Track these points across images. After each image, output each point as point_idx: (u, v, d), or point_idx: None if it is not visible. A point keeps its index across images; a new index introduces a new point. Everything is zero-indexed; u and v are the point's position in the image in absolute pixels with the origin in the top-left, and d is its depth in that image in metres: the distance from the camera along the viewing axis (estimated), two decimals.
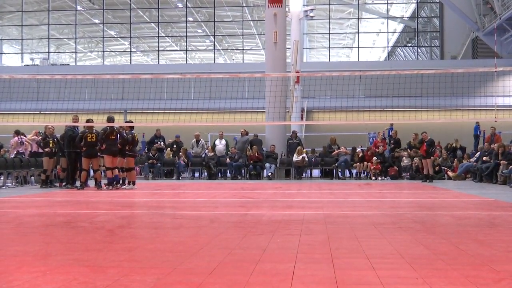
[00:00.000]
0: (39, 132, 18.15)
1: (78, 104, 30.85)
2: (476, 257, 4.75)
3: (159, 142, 21.36)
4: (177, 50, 46.47)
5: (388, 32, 41.23)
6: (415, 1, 40.28)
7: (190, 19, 42.33)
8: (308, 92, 29.57)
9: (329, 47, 42.03)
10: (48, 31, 41.67)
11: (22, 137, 18.43)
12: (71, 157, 15.02)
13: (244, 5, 40.21)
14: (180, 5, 41.49)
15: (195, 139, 21.70)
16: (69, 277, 3.98)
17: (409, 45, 43.51)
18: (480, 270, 4.22)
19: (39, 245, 5.54)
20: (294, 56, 24.48)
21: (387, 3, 40.36)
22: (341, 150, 20.80)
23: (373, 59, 46.07)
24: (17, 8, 41.90)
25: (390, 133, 22.20)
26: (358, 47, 41.44)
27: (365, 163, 20.32)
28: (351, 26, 43.63)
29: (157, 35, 42.55)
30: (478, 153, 19.64)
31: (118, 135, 14.69)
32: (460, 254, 4.93)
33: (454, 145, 22.34)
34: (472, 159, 19.70)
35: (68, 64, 43.34)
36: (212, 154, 20.81)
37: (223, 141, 21.43)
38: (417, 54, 41.25)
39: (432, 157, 18.76)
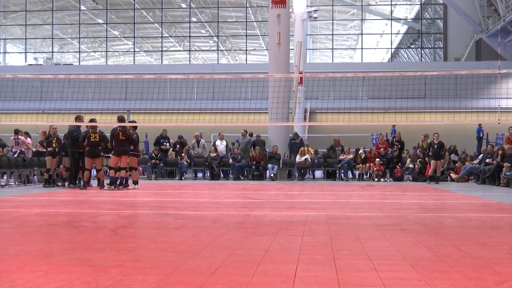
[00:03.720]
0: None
1: (81, 103, 30.92)
2: (478, 259, 4.74)
3: (165, 143, 21.39)
4: (180, 51, 46.50)
5: (391, 33, 41.21)
6: (419, 3, 40.24)
7: (194, 19, 42.36)
8: (311, 93, 29.60)
9: (333, 48, 42.03)
10: (51, 30, 41.72)
11: (19, 137, 18.45)
12: (75, 157, 15.04)
13: (247, 5, 40.23)
14: (183, 5, 41.53)
15: (194, 140, 21.71)
16: (71, 276, 3.98)
17: (413, 46, 43.49)
18: (482, 272, 4.21)
19: (42, 245, 5.55)
20: (297, 57, 24.49)
21: (391, 5, 40.34)
22: (346, 156, 20.68)
23: (377, 60, 46.04)
24: (20, 8, 41.98)
25: (393, 135, 22.19)
26: (362, 48, 41.42)
27: (368, 164, 20.31)
28: (355, 27, 43.63)
29: (160, 35, 42.61)
30: (481, 155, 19.62)
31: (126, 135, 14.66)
32: (463, 256, 4.92)
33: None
34: (475, 161, 19.69)
35: (71, 64, 43.43)
36: (215, 154, 20.82)
37: (224, 142, 21.45)
38: (421, 55, 41.21)
39: (442, 159, 18.75)
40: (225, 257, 4.73)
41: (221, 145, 21.28)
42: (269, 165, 20.39)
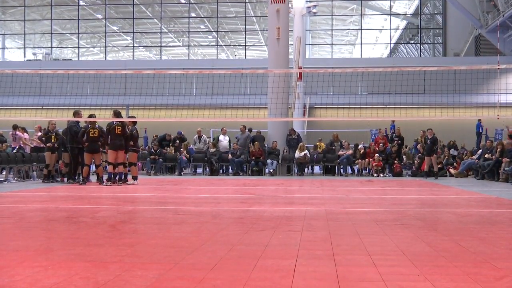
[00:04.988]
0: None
1: (81, 99, 30.85)
2: (477, 254, 4.75)
3: (166, 147, 21.47)
4: (179, 46, 46.44)
5: (391, 28, 41.17)
6: None
7: (193, 14, 42.30)
8: (311, 89, 29.57)
9: (332, 44, 41.99)
10: (50, 26, 41.67)
11: (17, 132, 18.42)
12: (74, 152, 15.03)
13: (246, 1, 40.17)
14: (182, 0, 41.46)
15: (197, 135, 21.72)
16: (70, 272, 3.98)
17: (412, 42, 43.46)
18: (481, 267, 4.22)
19: (41, 240, 5.55)
20: (296, 52, 24.47)
21: (390, 0, 40.27)
22: (345, 152, 20.67)
23: (376, 55, 46.02)
24: (19, 3, 41.91)
25: (392, 130, 22.18)
26: (361, 44, 41.39)
27: (367, 159, 20.32)
28: (354, 22, 43.58)
29: (159, 31, 42.55)
30: (480, 150, 19.63)
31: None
32: (462, 251, 4.92)
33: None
34: (474, 157, 19.70)
35: (70, 59, 43.36)
36: (214, 150, 20.81)
37: (227, 137, 21.45)
38: (420, 51, 41.19)
39: (435, 155, 18.74)
40: (225, 253, 4.73)
41: (224, 140, 21.28)
42: (269, 161, 20.39)
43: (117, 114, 14.80)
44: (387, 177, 19.70)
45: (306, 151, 20.51)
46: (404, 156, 21.05)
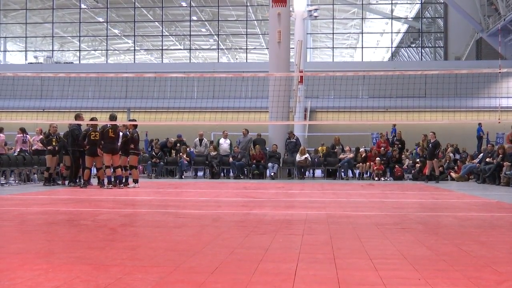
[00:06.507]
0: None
1: (82, 102, 30.89)
2: (478, 258, 4.74)
3: (167, 156, 21.51)
4: (180, 49, 46.49)
5: (392, 32, 41.18)
6: (419, 2, 40.20)
7: (194, 18, 42.35)
8: (312, 92, 29.56)
9: (333, 47, 42.02)
10: (52, 29, 41.71)
11: (26, 135, 18.42)
12: (75, 155, 15.03)
13: (248, 4, 40.21)
14: (184, 4, 41.51)
15: (198, 138, 21.71)
16: (71, 275, 3.98)
17: (413, 45, 43.46)
18: (482, 271, 4.22)
19: (42, 243, 5.55)
20: (297, 56, 24.46)
21: (391, 4, 40.31)
22: (346, 155, 20.64)
23: (377, 59, 46.02)
24: (21, 6, 41.97)
25: (393, 134, 22.16)
26: (362, 47, 41.39)
27: (368, 163, 20.29)
28: (355, 26, 43.62)
29: (161, 34, 42.60)
30: (481, 154, 19.61)
31: (121, 133, 14.73)
32: (463, 255, 4.92)
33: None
34: (475, 160, 19.69)
35: (72, 62, 43.42)
36: (215, 153, 20.80)
37: (228, 141, 21.43)
38: (421, 54, 41.19)
39: (436, 159, 18.69)
40: (225, 256, 4.73)
41: (225, 143, 21.27)
42: (269, 164, 20.38)
43: (111, 118, 14.79)
44: (388, 180, 19.68)
45: (307, 155, 20.49)
46: (406, 160, 20.98)
